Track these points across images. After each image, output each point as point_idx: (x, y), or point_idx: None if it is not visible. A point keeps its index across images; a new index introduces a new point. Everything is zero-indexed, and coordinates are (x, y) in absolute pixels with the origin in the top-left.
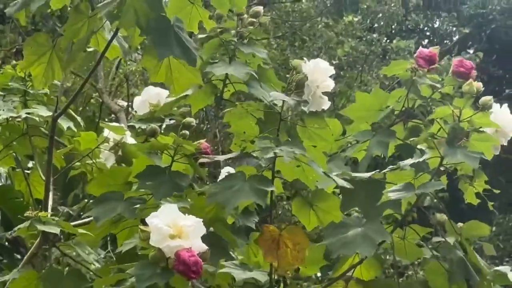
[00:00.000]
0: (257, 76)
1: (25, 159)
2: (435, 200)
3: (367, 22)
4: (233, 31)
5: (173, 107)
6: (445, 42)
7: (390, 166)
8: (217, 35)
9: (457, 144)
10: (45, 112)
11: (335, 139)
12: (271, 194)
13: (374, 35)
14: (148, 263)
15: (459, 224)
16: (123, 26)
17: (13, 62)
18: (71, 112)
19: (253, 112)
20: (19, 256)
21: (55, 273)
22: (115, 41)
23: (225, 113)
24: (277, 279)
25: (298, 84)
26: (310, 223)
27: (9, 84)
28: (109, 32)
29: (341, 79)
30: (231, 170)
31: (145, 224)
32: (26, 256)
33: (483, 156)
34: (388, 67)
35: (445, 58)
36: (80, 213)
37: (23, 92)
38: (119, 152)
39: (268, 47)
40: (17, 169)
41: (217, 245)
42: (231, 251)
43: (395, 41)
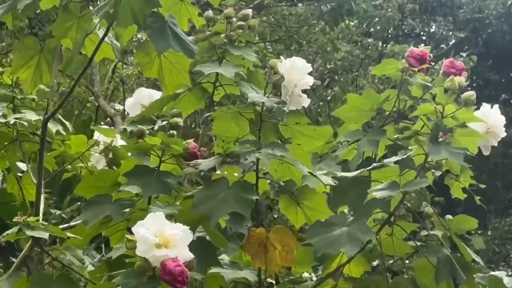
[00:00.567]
0: (247, 79)
1: (15, 165)
2: (430, 205)
3: (363, 27)
4: (222, 35)
5: (163, 107)
6: (441, 47)
7: (374, 164)
8: (206, 39)
9: (441, 141)
10: (34, 116)
11: (327, 141)
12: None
13: (370, 40)
14: (135, 272)
15: (448, 217)
16: (120, 26)
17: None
18: (59, 117)
19: (243, 114)
20: (15, 260)
21: (44, 277)
22: (107, 40)
23: (213, 113)
24: (270, 282)
25: (276, 85)
26: (298, 221)
27: None
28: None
29: (336, 84)
30: None
31: (132, 233)
32: (17, 260)
33: (468, 152)
34: (379, 67)
35: (439, 62)
36: (74, 216)
37: (11, 99)
38: (110, 155)
39: (265, 50)
40: (9, 173)
41: (205, 251)
42: (222, 251)
43: (390, 45)
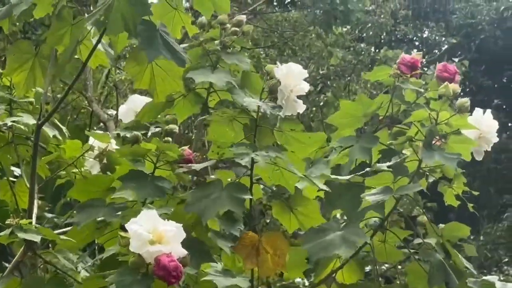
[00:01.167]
0: (242, 82)
1: (9, 170)
2: (422, 210)
3: (356, 32)
4: (216, 41)
5: (157, 114)
6: (434, 52)
7: (367, 169)
8: (200, 44)
9: (435, 146)
10: (31, 120)
11: (320, 147)
12: (250, 202)
13: (362, 45)
14: (128, 269)
15: (440, 225)
16: (112, 33)
17: None
18: (56, 121)
19: (238, 119)
20: (7, 265)
21: (36, 281)
22: (100, 47)
23: (207, 116)
24: None
25: (272, 90)
26: (291, 226)
27: None
28: (92, 39)
29: (329, 89)
30: None
31: (125, 230)
32: (11, 264)
33: (461, 158)
34: (371, 73)
35: (431, 67)
36: (68, 224)
37: (9, 101)
38: (104, 160)
39: (260, 57)
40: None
41: (199, 249)
42: (215, 257)
43: (383, 51)
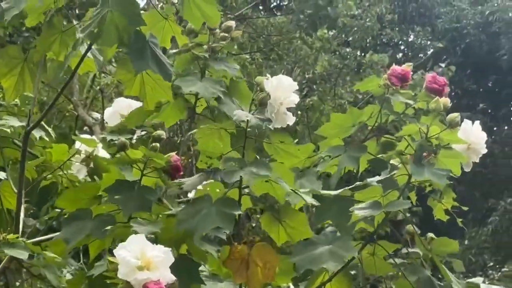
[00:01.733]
0: (230, 90)
1: None
2: (408, 215)
3: (343, 36)
4: (205, 46)
5: (144, 119)
6: (420, 56)
7: (357, 182)
8: (189, 50)
9: (425, 162)
10: (16, 123)
11: (309, 156)
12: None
13: (348, 49)
14: None
15: (429, 234)
16: (105, 45)
17: None
18: (42, 123)
19: (225, 128)
20: None
21: None
22: (89, 54)
23: (197, 130)
24: None
25: (261, 103)
26: (280, 238)
27: None
28: (81, 46)
29: (315, 93)
30: None
31: (114, 254)
32: None
33: (451, 174)
34: (361, 84)
35: (419, 72)
36: (53, 227)
37: None
38: (91, 165)
39: (247, 63)
40: None
41: (187, 269)
42: (203, 265)
43: (368, 55)
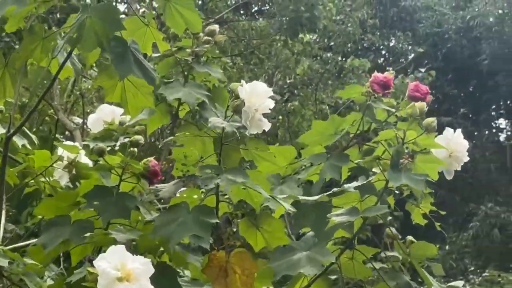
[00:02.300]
0: (212, 96)
1: None
2: (389, 218)
3: (325, 41)
4: (189, 50)
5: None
6: (401, 61)
7: (335, 188)
8: (172, 54)
9: (402, 167)
10: (0, 130)
11: (290, 163)
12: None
13: (329, 54)
14: None
15: (408, 238)
16: (85, 50)
17: None
18: (25, 130)
19: (203, 135)
20: None
21: None
22: (68, 62)
23: (178, 134)
24: None
25: (236, 110)
26: (258, 244)
27: None
28: (62, 52)
29: (296, 98)
30: None
31: (93, 265)
32: None
33: (428, 178)
34: (343, 91)
35: (399, 77)
36: (34, 232)
37: None
38: (73, 171)
39: (228, 66)
40: None
41: (166, 276)
42: (182, 271)
43: (350, 60)
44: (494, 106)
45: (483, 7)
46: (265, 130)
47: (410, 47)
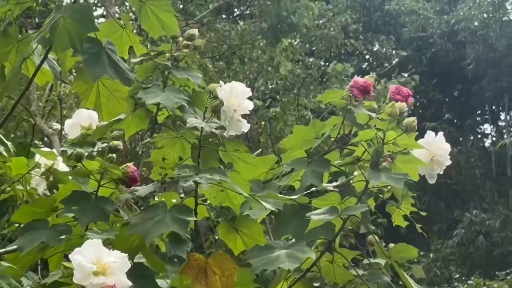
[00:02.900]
0: (192, 100)
1: None
2: (373, 227)
3: (306, 46)
4: (168, 55)
5: (107, 131)
6: (385, 65)
7: (313, 188)
8: (151, 58)
9: (382, 167)
10: None
11: (271, 168)
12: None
13: (312, 59)
14: None
15: (390, 245)
16: (58, 50)
17: None
18: (1, 137)
19: (186, 137)
20: None
21: None
22: (46, 65)
23: (156, 136)
24: None
25: (215, 110)
26: (237, 248)
27: None
28: (39, 56)
29: (278, 103)
30: None
31: (69, 260)
32: None
33: (408, 178)
34: (323, 95)
35: (382, 81)
36: (11, 239)
37: None
38: (51, 178)
39: (207, 69)
40: None
41: (143, 277)
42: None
43: (332, 65)
44: (479, 111)
45: (468, 11)
46: (248, 136)
47: (394, 52)
